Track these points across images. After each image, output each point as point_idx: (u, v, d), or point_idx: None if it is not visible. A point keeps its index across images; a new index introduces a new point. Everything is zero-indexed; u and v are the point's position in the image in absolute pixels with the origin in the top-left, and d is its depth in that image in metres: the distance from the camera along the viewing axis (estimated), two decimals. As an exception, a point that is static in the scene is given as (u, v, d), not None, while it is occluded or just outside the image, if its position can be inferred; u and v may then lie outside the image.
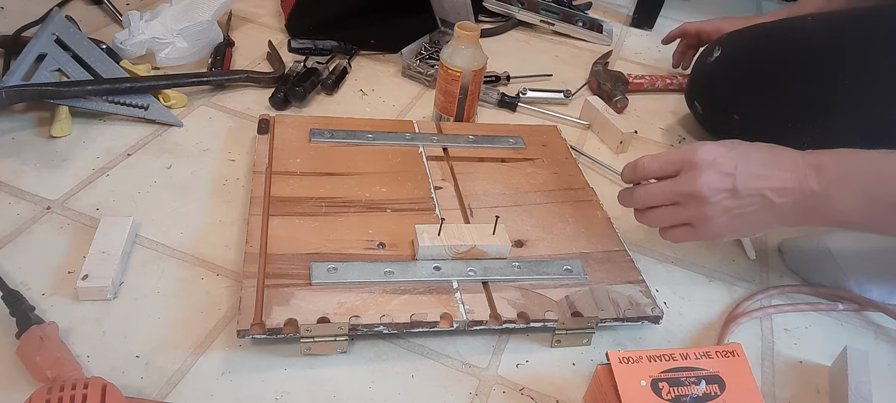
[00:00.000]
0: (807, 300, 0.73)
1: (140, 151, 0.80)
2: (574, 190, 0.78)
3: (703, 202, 0.52)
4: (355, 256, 0.64)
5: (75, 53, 0.87)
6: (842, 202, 0.50)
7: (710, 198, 0.52)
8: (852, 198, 0.50)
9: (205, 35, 0.99)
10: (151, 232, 0.69)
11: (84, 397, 0.47)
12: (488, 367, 0.60)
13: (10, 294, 0.57)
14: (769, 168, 0.52)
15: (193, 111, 0.89)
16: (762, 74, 0.87)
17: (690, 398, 0.53)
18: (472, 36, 0.86)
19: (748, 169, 0.52)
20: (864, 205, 0.50)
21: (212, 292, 0.63)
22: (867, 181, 0.51)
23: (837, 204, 0.50)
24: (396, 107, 0.98)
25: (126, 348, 0.57)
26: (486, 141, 0.85)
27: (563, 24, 1.28)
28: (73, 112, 0.82)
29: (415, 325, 0.58)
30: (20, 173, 0.74)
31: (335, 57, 1.07)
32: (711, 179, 0.52)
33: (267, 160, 0.75)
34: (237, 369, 0.57)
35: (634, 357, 0.54)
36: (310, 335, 0.56)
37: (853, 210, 0.50)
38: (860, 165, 0.52)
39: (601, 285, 0.65)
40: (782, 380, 0.64)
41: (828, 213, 0.51)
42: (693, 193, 0.52)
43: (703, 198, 0.52)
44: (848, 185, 0.50)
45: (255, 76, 0.96)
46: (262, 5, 1.22)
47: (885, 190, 0.50)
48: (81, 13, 1.08)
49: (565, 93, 1.05)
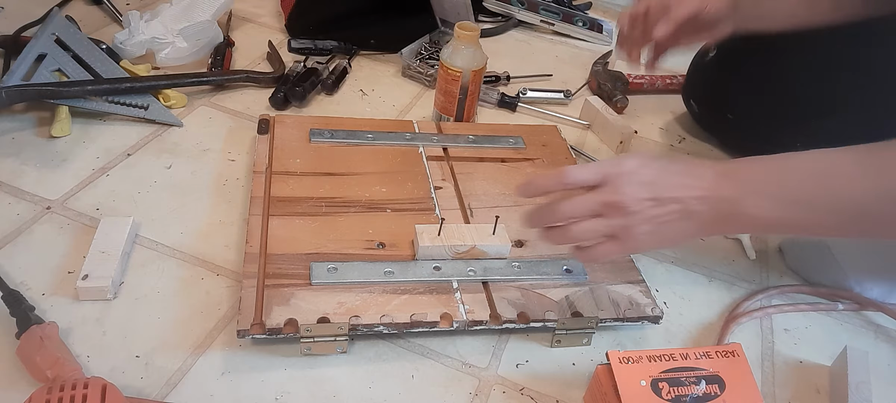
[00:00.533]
0: (807, 300, 0.73)
1: (140, 151, 0.80)
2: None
3: (627, 211, 0.52)
4: (355, 256, 0.64)
5: (75, 53, 0.87)
6: (754, 205, 0.51)
7: (634, 207, 0.52)
8: (762, 200, 0.51)
9: (205, 35, 0.99)
10: (151, 232, 0.69)
11: (84, 397, 0.47)
12: (488, 367, 0.60)
13: (10, 294, 0.57)
14: (687, 177, 0.53)
15: (193, 111, 0.89)
16: (757, 74, 0.87)
17: (690, 398, 0.53)
18: (472, 36, 0.86)
19: (668, 178, 0.53)
20: (773, 207, 0.51)
21: (212, 292, 0.63)
22: (774, 182, 0.51)
23: (750, 208, 0.51)
24: (396, 107, 0.98)
25: (126, 348, 0.57)
26: (486, 141, 0.85)
27: (563, 24, 1.28)
28: (73, 112, 0.82)
29: (415, 325, 0.58)
30: (20, 173, 0.74)
31: (335, 57, 1.07)
32: (634, 189, 0.52)
33: (267, 160, 0.75)
34: (237, 369, 0.57)
35: (634, 357, 0.54)
36: (310, 335, 0.56)
37: (764, 212, 0.51)
38: (769, 168, 0.52)
39: (601, 285, 0.65)
40: (782, 380, 0.64)
41: (743, 218, 0.52)
42: (616, 203, 0.52)
43: (626, 208, 0.52)
44: (758, 188, 0.51)
45: (255, 76, 0.96)
46: (262, 5, 1.22)
47: (789, 188, 0.51)
48: (81, 13, 1.08)
49: (565, 93, 1.05)
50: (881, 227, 0.50)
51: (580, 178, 0.55)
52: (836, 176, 0.49)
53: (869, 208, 0.48)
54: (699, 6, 0.72)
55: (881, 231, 0.51)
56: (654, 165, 0.53)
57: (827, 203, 0.49)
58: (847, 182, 0.49)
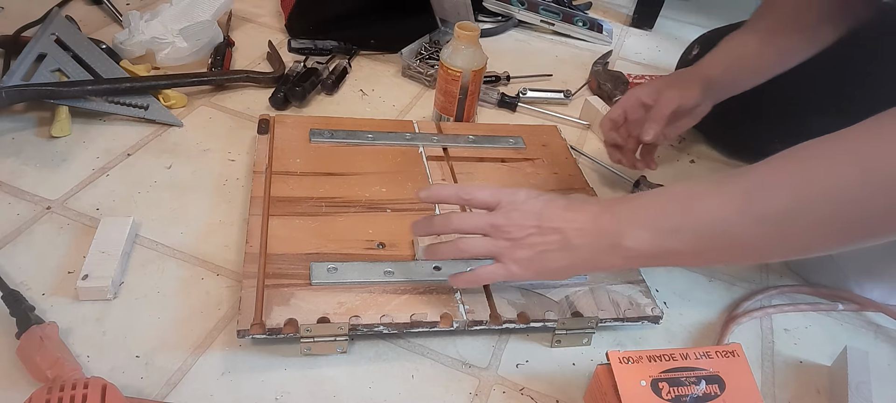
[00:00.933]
0: (807, 300, 0.73)
1: (140, 151, 0.80)
2: (574, 190, 0.79)
3: (510, 235, 0.55)
4: (355, 256, 0.64)
5: (75, 53, 0.87)
6: (632, 238, 0.52)
7: (517, 233, 0.55)
8: (639, 232, 0.52)
9: (205, 35, 0.99)
10: (151, 232, 0.69)
11: (84, 397, 0.47)
12: (488, 367, 0.60)
13: (10, 294, 0.57)
14: (571, 212, 0.55)
15: (193, 111, 0.89)
16: None
17: (690, 398, 0.53)
18: (472, 36, 0.86)
19: (552, 211, 0.55)
20: (650, 238, 0.52)
21: (212, 292, 0.63)
22: (649, 214, 0.52)
23: (629, 240, 0.52)
24: (396, 107, 0.98)
25: (126, 348, 0.57)
26: (487, 141, 0.85)
27: (563, 24, 1.28)
28: (73, 112, 0.82)
29: (415, 325, 0.58)
30: (20, 173, 0.74)
31: (335, 57, 1.07)
32: (520, 216, 0.55)
33: (267, 160, 0.75)
34: (237, 369, 0.57)
35: (634, 357, 0.54)
36: (310, 335, 0.56)
37: (642, 243, 0.52)
38: (644, 201, 0.54)
39: (601, 285, 0.65)
40: (782, 380, 0.64)
41: (624, 251, 0.53)
42: (502, 226, 0.55)
43: (510, 232, 0.55)
44: (634, 221, 0.52)
45: (255, 76, 0.96)
46: (262, 5, 1.22)
47: (660, 218, 0.52)
48: (81, 13, 1.08)
49: (565, 93, 1.05)
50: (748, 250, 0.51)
51: (478, 198, 0.58)
52: (699, 200, 0.51)
53: (731, 230, 0.49)
54: (679, 100, 0.75)
55: (749, 254, 0.52)
56: (543, 198, 0.56)
57: (693, 228, 0.50)
58: (709, 206, 0.50)
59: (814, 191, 0.46)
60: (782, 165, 0.49)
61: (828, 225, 0.47)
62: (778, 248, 0.50)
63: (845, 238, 0.48)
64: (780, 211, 0.47)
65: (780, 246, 0.50)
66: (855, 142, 0.46)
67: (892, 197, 0.44)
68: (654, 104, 0.76)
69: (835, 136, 0.47)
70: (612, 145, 0.83)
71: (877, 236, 0.47)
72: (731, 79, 0.78)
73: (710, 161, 0.96)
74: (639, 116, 0.79)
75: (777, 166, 0.49)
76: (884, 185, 0.44)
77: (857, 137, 0.46)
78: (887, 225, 0.46)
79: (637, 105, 0.79)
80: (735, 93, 0.79)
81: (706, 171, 0.94)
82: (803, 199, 0.47)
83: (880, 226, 0.46)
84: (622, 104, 0.80)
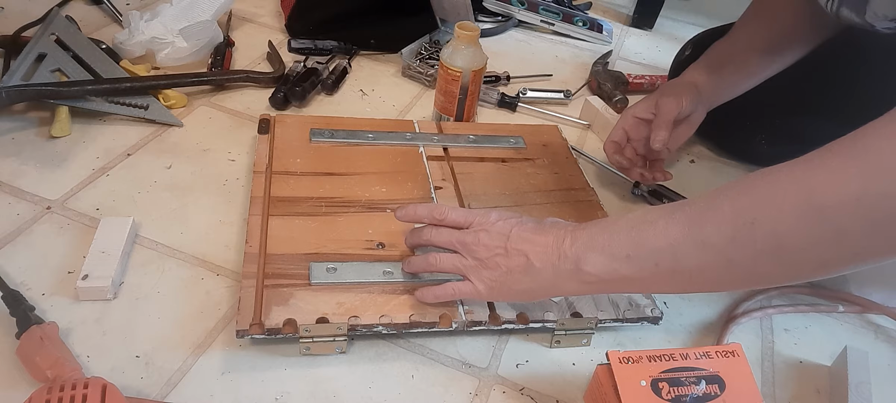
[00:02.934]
0: (807, 300, 0.73)
1: (140, 151, 0.80)
2: (574, 190, 0.79)
3: (477, 254, 0.56)
4: (355, 256, 0.64)
5: (75, 53, 0.87)
6: (590, 263, 0.52)
7: (483, 253, 0.56)
8: (596, 257, 0.52)
9: (205, 35, 0.99)
10: (151, 232, 0.69)
11: (84, 397, 0.47)
12: (488, 367, 0.60)
13: (10, 294, 0.57)
14: (538, 235, 0.55)
15: (193, 111, 0.89)
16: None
17: (690, 398, 0.53)
18: (472, 36, 0.86)
19: (520, 233, 0.56)
20: (605, 262, 0.52)
21: (212, 292, 0.63)
22: (605, 240, 0.52)
23: (587, 265, 0.52)
24: (396, 107, 0.98)
25: (126, 348, 0.57)
26: (487, 141, 0.85)
27: (563, 24, 1.28)
28: (73, 112, 0.82)
29: (414, 326, 0.58)
30: (20, 173, 0.74)
31: (335, 57, 1.07)
32: (488, 236, 0.56)
33: (267, 160, 0.75)
34: (237, 369, 0.57)
35: (634, 357, 0.54)
36: (309, 335, 0.56)
37: (599, 269, 0.52)
38: (603, 227, 0.54)
39: (601, 285, 0.65)
40: (782, 380, 0.64)
41: (584, 275, 0.53)
42: (471, 244, 0.56)
43: (477, 251, 0.56)
44: (592, 246, 0.52)
45: (255, 76, 0.96)
46: (262, 5, 1.22)
47: (614, 243, 0.52)
48: (81, 13, 1.08)
49: (565, 93, 1.05)
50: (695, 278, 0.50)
51: (450, 218, 0.60)
52: (650, 226, 0.50)
53: (677, 256, 0.49)
54: (676, 106, 0.76)
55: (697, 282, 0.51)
56: (513, 220, 0.57)
57: (642, 255, 0.50)
58: (658, 232, 0.50)
59: (754, 219, 0.45)
60: (728, 193, 0.48)
61: (769, 255, 0.45)
62: (724, 276, 0.49)
63: (789, 270, 0.47)
64: (723, 238, 0.46)
65: (726, 273, 0.48)
66: (799, 174, 0.45)
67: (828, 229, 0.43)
68: (656, 113, 0.77)
69: (784, 166, 0.46)
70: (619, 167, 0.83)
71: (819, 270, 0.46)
72: (718, 87, 0.79)
73: (709, 161, 0.96)
74: (640, 134, 0.80)
75: (724, 194, 0.48)
76: (820, 217, 0.43)
77: (802, 169, 0.45)
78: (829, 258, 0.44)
79: (636, 123, 0.80)
80: (725, 100, 0.80)
81: (706, 171, 0.94)
82: (742, 228, 0.46)
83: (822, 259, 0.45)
84: (621, 125, 0.81)
